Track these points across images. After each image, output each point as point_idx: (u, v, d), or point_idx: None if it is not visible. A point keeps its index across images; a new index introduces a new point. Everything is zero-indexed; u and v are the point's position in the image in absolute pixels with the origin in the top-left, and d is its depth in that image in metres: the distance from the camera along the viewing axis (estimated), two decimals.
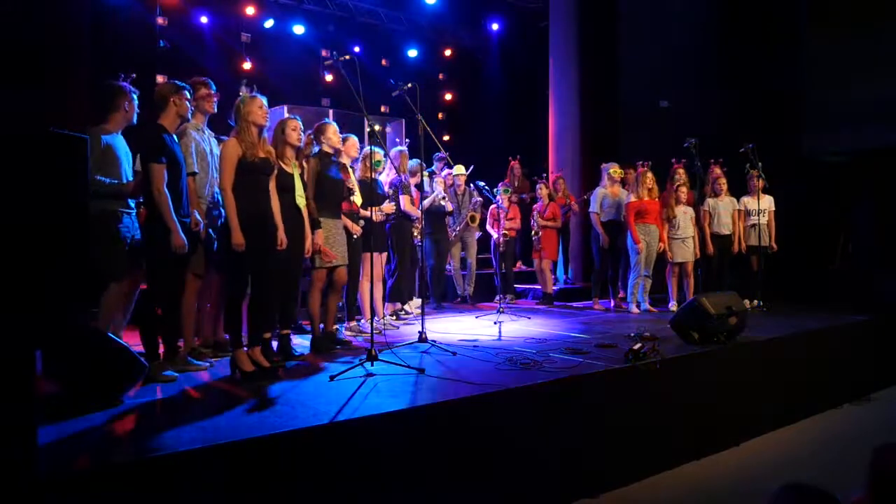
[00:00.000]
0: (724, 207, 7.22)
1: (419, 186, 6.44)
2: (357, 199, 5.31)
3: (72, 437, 2.83)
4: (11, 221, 2.22)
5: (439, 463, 3.24)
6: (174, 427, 2.96)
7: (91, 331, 3.70)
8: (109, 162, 4.04)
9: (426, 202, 6.88)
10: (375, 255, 5.58)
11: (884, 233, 7.68)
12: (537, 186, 7.99)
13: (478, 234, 8.02)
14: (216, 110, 4.61)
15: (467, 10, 11.92)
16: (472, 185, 7.85)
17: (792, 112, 9.12)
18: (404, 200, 6.26)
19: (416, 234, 6.57)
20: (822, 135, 9.08)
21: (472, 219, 7.74)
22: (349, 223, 5.24)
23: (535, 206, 8.00)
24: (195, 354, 4.31)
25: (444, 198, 7.19)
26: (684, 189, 6.98)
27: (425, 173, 6.94)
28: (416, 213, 6.36)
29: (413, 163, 6.45)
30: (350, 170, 5.36)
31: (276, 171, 4.18)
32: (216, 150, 4.46)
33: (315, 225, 4.77)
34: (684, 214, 6.98)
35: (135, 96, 4.22)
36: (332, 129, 5.04)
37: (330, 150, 5.01)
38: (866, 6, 8.75)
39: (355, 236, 5.30)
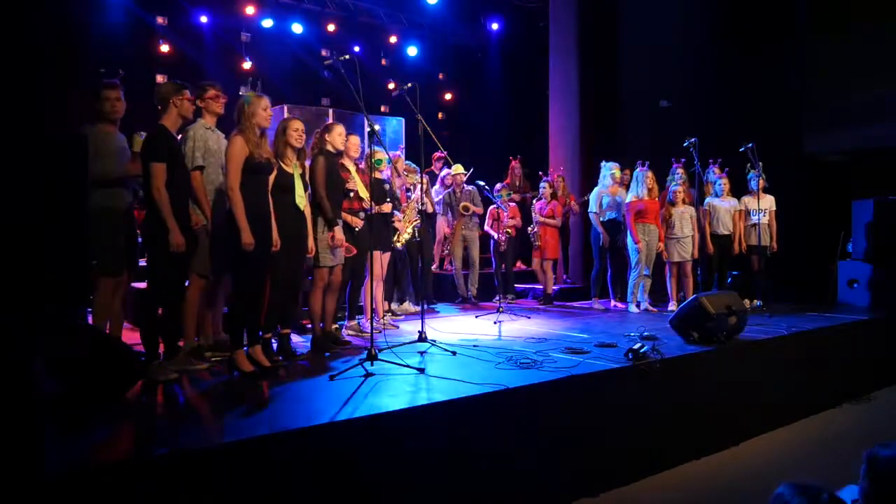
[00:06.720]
0: (724, 208, 7.23)
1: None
2: (362, 192, 5.31)
3: (71, 437, 2.83)
4: (12, 221, 2.22)
5: (439, 462, 3.24)
6: (174, 427, 2.96)
7: (90, 330, 3.71)
8: (107, 157, 4.17)
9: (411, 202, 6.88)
10: (377, 253, 5.59)
11: (884, 233, 7.67)
12: (541, 185, 7.97)
13: (478, 233, 7.98)
14: (223, 111, 4.63)
15: (467, 10, 11.92)
16: (473, 185, 7.81)
17: (792, 112, 9.12)
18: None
19: (395, 239, 6.40)
20: (822, 135, 9.08)
21: (466, 209, 7.66)
22: (349, 217, 5.25)
23: (535, 203, 7.96)
24: (196, 354, 4.31)
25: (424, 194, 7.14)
26: (680, 189, 6.99)
27: (417, 177, 6.85)
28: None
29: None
30: (353, 168, 5.36)
31: (275, 172, 4.19)
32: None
33: (332, 223, 4.82)
34: (682, 215, 6.97)
35: (120, 92, 4.30)
36: (338, 131, 5.08)
37: (333, 151, 5.04)
38: (866, 6, 8.75)
39: (357, 229, 5.30)
